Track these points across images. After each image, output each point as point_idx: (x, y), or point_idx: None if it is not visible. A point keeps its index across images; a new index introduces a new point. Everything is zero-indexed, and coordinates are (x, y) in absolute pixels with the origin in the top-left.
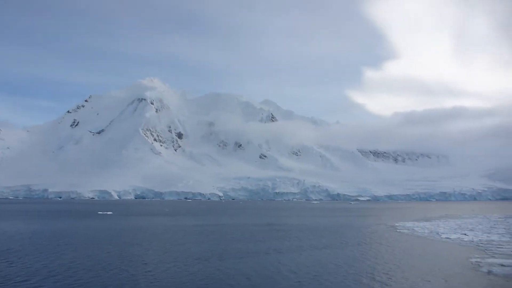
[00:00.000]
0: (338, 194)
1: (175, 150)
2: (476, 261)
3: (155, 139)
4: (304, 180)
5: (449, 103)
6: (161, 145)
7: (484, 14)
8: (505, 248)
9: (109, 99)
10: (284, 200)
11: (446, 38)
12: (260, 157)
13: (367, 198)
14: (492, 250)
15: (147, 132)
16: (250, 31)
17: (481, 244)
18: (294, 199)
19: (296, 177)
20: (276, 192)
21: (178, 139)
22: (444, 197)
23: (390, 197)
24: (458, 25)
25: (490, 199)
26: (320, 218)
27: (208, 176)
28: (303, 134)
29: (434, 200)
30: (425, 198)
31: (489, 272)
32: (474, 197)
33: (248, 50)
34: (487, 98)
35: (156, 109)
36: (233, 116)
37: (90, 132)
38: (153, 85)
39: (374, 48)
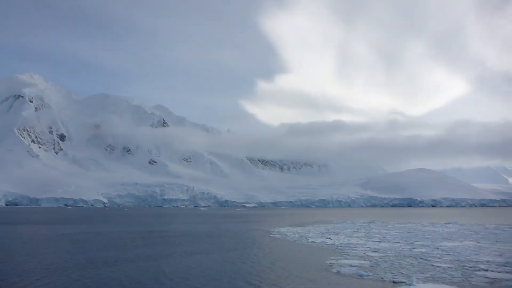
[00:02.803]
0: (226, 201)
1: (56, 153)
2: (330, 263)
3: (32, 140)
4: (193, 187)
5: (330, 117)
6: (39, 147)
7: (364, 39)
8: (359, 250)
9: None
10: (173, 206)
11: (331, 57)
12: (150, 162)
13: (254, 204)
14: (347, 252)
15: (23, 132)
16: (146, 33)
17: (340, 247)
18: (182, 206)
19: (185, 184)
20: (165, 199)
21: (60, 141)
22: (323, 203)
23: (275, 204)
24: (341, 46)
25: (362, 206)
26: (204, 225)
27: (92, 182)
28: (194, 140)
29: (314, 206)
30: (307, 204)
31: (337, 272)
32: (349, 204)
33: (143, 53)
34: (363, 114)
35: (36, 108)
36: (122, 119)
37: None
38: (33, 82)
39: (268, 61)
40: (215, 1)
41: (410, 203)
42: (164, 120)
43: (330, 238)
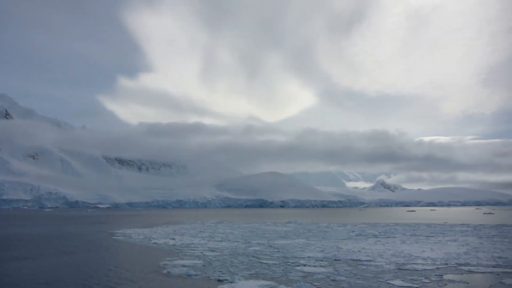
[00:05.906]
0: (76, 202)
1: None
2: (164, 263)
3: None
4: (39, 186)
5: (192, 119)
6: None
7: (228, 46)
8: (198, 250)
9: None
10: (12, 208)
11: (196, 60)
12: None
13: (107, 205)
14: (185, 252)
15: None
16: None
17: (180, 248)
18: (25, 207)
19: (29, 183)
20: (3, 199)
21: None
22: (180, 204)
23: (131, 205)
24: (207, 51)
25: (218, 207)
26: (44, 227)
27: None
28: (43, 135)
29: (171, 207)
30: (163, 205)
31: (168, 273)
32: (205, 205)
33: None
34: (223, 118)
35: None
36: None
37: None
38: None
39: (131, 58)
40: None
41: (262, 204)
42: (7, 111)
43: (173, 239)
